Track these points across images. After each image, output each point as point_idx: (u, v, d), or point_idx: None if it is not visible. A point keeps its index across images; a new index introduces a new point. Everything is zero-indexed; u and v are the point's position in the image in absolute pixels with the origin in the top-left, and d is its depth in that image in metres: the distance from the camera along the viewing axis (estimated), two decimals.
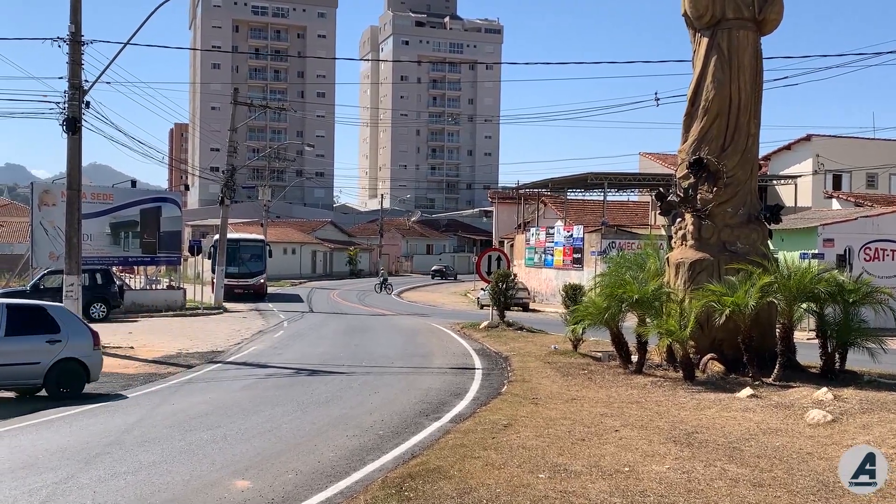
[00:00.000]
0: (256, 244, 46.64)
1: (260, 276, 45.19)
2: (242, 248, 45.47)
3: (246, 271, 44.66)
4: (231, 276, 42.66)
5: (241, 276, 44.04)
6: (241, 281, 43.94)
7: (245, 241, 46.87)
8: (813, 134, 44.64)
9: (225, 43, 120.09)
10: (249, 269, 44.94)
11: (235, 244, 44.72)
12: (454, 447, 9.75)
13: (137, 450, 9.92)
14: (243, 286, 43.88)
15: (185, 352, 20.91)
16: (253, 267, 45.09)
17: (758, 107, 17.01)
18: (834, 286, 15.00)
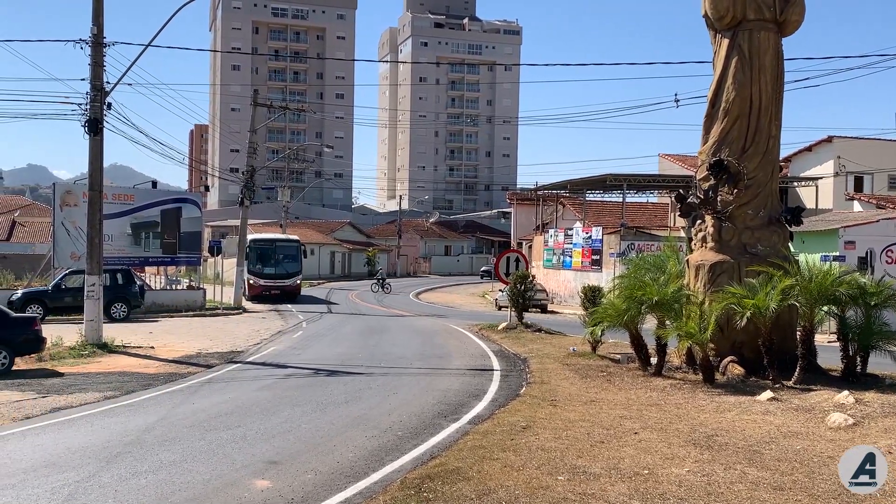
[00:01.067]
0: (292, 244, 45.93)
1: (296, 277, 44.52)
2: (279, 248, 44.95)
3: (283, 272, 44.00)
4: (267, 276, 42.82)
5: (277, 277, 43.59)
6: (278, 282, 43.44)
7: (281, 242, 46.23)
8: (834, 135, 44.27)
9: (245, 44, 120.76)
10: (286, 269, 44.25)
11: (271, 244, 44.70)
12: (473, 448, 9.76)
13: (158, 449, 9.99)
14: (280, 287, 43.36)
15: (205, 352, 21.03)
16: (290, 267, 44.41)
17: (779, 108, 16.91)
18: (856, 289, 14.87)
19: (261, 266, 43.20)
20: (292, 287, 43.89)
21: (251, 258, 42.39)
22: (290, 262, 44.42)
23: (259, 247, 43.83)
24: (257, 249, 43.53)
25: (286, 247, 45.28)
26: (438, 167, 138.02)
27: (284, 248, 45.02)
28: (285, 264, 44.21)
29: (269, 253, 43.87)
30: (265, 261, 43.43)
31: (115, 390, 14.83)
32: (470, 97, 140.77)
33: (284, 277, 43.64)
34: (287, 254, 44.72)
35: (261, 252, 43.72)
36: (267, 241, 45.61)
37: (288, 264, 44.27)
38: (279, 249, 44.63)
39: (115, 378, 16.36)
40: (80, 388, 14.95)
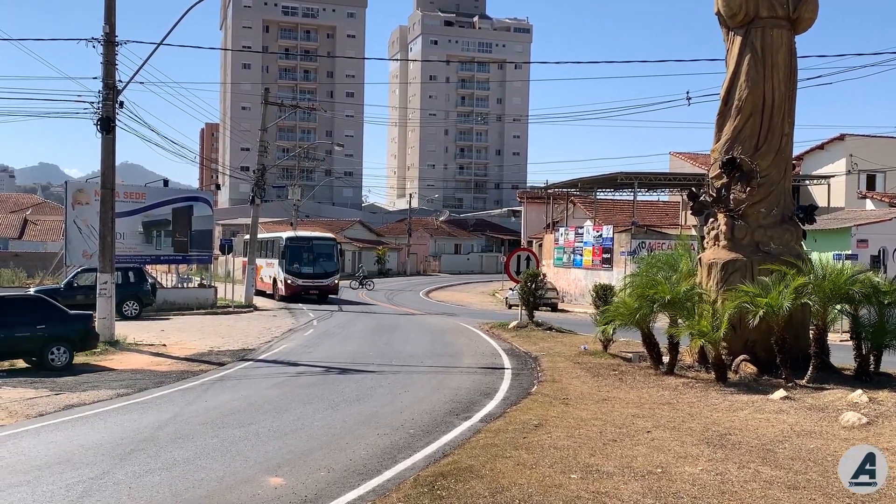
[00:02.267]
0: (329, 243, 44.27)
1: (334, 276, 42.71)
2: (315, 246, 42.92)
3: (320, 271, 42.15)
4: (305, 276, 41.39)
5: (315, 277, 41.84)
6: (316, 281, 41.78)
7: (318, 240, 44.37)
8: (846, 133, 44.06)
9: (255, 43, 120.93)
10: (324, 268, 42.37)
11: (308, 243, 42.96)
12: (485, 446, 9.76)
13: (171, 446, 10.03)
14: (318, 287, 41.82)
15: (217, 349, 21.08)
16: (327, 266, 42.55)
17: (792, 106, 16.83)
18: (869, 287, 14.81)
19: (298, 265, 41.51)
20: (330, 287, 42.36)
21: (287, 257, 41.13)
22: (327, 260, 42.75)
23: (295, 245, 42.16)
24: (294, 248, 41.81)
25: (323, 245, 43.64)
26: (448, 165, 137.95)
27: (321, 247, 43.29)
28: (323, 263, 42.43)
29: (306, 252, 42.16)
30: (302, 260, 41.76)
31: (127, 388, 14.89)
32: (480, 95, 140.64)
33: (322, 277, 42.05)
34: (324, 252, 42.96)
35: (297, 251, 42.01)
36: (303, 239, 43.83)
37: (325, 263, 42.54)
38: (316, 248, 42.83)
39: (128, 376, 16.42)
40: (93, 386, 15.00)
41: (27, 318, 17.27)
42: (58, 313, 17.80)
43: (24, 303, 18.42)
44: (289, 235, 43.23)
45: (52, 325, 17.42)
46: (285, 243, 41.32)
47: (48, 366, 17.07)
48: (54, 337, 17.34)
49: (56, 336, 17.38)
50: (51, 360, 17.20)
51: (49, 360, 17.18)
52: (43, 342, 17.21)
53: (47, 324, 17.36)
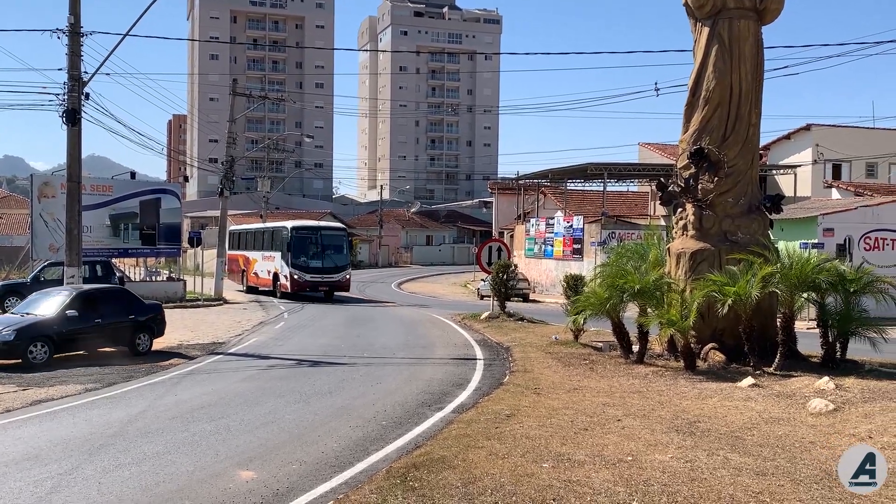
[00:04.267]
0: (339, 234, 40.47)
1: (345, 271, 38.69)
2: (324, 237, 38.85)
3: (331, 265, 38.07)
4: (314, 270, 37.39)
5: (325, 272, 37.79)
6: (326, 277, 37.82)
7: (327, 231, 40.25)
8: (813, 123, 44.59)
9: (223, 34, 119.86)
10: (335, 262, 38.33)
11: (315, 233, 38.83)
12: (458, 437, 9.78)
13: (141, 441, 9.95)
14: (329, 283, 38.05)
15: (187, 343, 20.93)
16: (338, 260, 38.52)
17: (759, 96, 16.99)
18: (835, 276, 15.02)
19: (305, 259, 37.37)
20: (341, 282, 38.42)
21: (292, 249, 37.11)
22: (338, 253, 38.67)
23: (301, 236, 37.99)
24: (300, 239, 37.78)
25: (333, 236, 39.63)
26: (419, 157, 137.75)
27: (331, 238, 39.22)
28: (333, 256, 38.37)
29: (313, 243, 38.09)
30: (310, 252, 37.66)
31: (96, 382, 14.74)
32: (450, 86, 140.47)
33: (333, 271, 37.97)
34: (334, 244, 38.88)
35: (304, 242, 37.88)
36: (310, 229, 39.56)
37: (336, 256, 38.49)
38: (325, 239, 38.71)
39: (97, 370, 16.27)
40: (60, 381, 14.84)
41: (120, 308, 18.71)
42: (139, 303, 19.38)
43: (114, 294, 19.88)
44: (294, 225, 39.21)
45: (139, 314, 18.99)
46: (290, 234, 37.48)
47: (136, 351, 18.56)
48: (140, 325, 18.90)
49: (141, 325, 18.95)
50: (138, 345, 18.68)
51: (136, 346, 18.67)
52: (132, 330, 18.71)
53: (136, 313, 18.95)
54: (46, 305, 17.85)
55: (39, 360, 16.59)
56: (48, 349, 16.90)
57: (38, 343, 16.77)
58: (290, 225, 38.87)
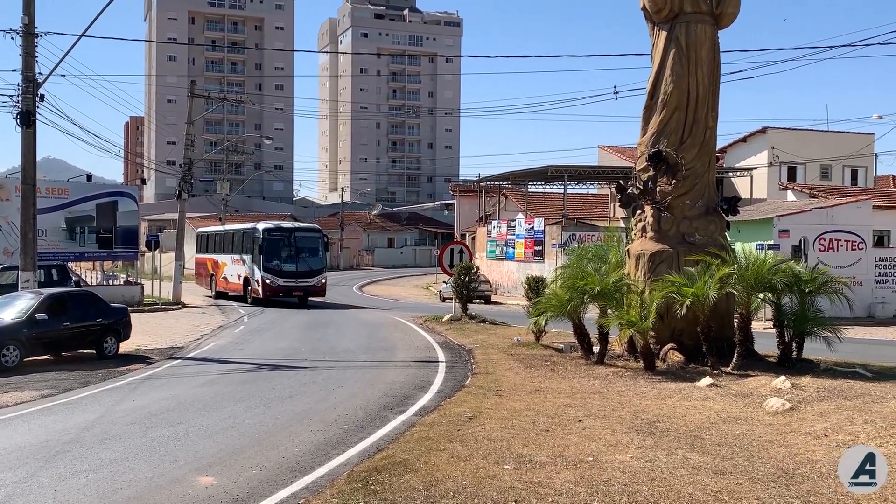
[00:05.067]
0: (315, 235, 38.09)
1: (321, 275, 36.85)
2: (299, 239, 37.02)
3: (305, 269, 36.32)
4: (288, 274, 35.67)
5: (299, 276, 35.96)
6: (301, 281, 35.96)
7: (301, 232, 38.26)
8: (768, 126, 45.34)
9: (181, 35, 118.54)
10: (310, 265, 36.55)
11: (289, 235, 36.99)
12: (420, 440, 9.77)
13: (98, 447, 9.80)
14: (304, 287, 36.11)
15: (145, 348, 20.65)
16: (313, 263, 36.74)
17: (715, 100, 17.22)
18: (790, 277, 15.28)
19: (278, 262, 35.69)
20: (316, 287, 36.49)
21: (265, 252, 35.44)
22: (313, 255, 36.97)
23: (274, 238, 36.25)
24: (272, 241, 36.05)
25: (308, 238, 37.60)
26: (380, 159, 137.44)
27: (306, 240, 37.35)
28: (308, 259, 36.64)
29: (287, 245, 36.35)
30: (283, 255, 35.95)
31: (52, 388, 14.48)
32: (411, 89, 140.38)
33: (307, 275, 36.20)
34: (309, 246, 37.07)
35: (277, 244, 36.15)
36: (284, 231, 37.62)
37: (311, 259, 36.77)
38: (300, 241, 36.95)
39: (53, 376, 15.98)
40: (15, 387, 14.55)
41: (87, 311, 18.65)
42: (106, 306, 19.33)
43: (82, 297, 19.71)
44: (266, 226, 37.28)
45: (105, 317, 18.94)
46: (262, 235, 35.80)
47: (103, 354, 18.57)
48: (107, 328, 18.92)
49: (108, 328, 18.96)
50: (105, 348, 18.74)
51: (104, 349, 18.71)
52: (100, 333, 18.75)
53: (103, 317, 18.90)
54: (14, 309, 17.61)
55: (11, 364, 16.54)
56: (19, 353, 16.86)
57: (9, 346, 16.72)
58: (261, 226, 37.07)
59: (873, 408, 10.95)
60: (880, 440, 9.31)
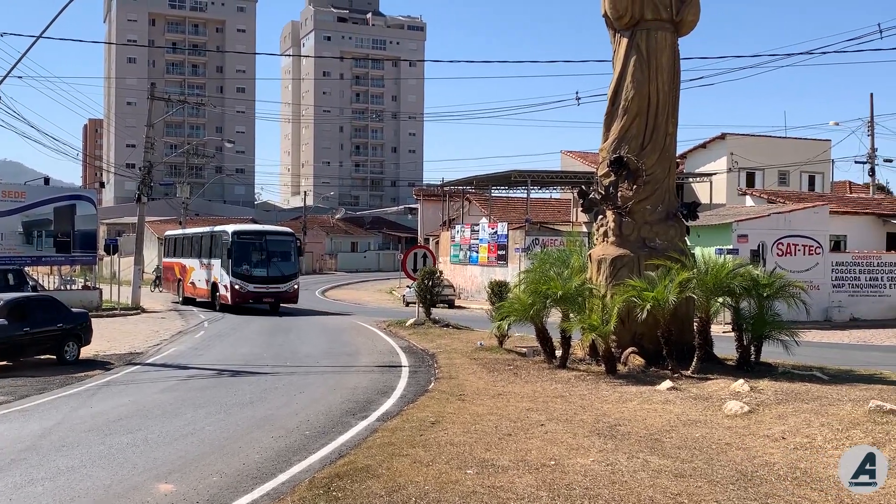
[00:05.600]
0: (287, 239, 36.54)
1: (293, 280, 35.02)
2: (270, 243, 35.32)
3: (277, 274, 34.60)
4: (258, 280, 33.92)
5: (270, 281, 34.26)
6: (272, 287, 34.25)
7: (273, 235, 36.70)
8: (727, 133, 45.98)
9: (141, 37, 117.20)
10: (282, 270, 34.84)
11: (260, 238, 35.42)
12: (382, 446, 9.74)
13: (55, 455, 9.64)
14: (275, 293, 34.45)
15: (103, 353, 20.35)
16: (285, 268, 35.06)
17: (675, 106, 17.42)
18: (749, 281, 15.48)
19: (248, 267, 33.90)
20: (288, 293, 34.81)
21: (234, 256, 33.63)
22: (285, 260, 35.25)
23: (244, 241, 34.60)
24: (242, 244, 34.33)
25: (280, 241, 36.09)
26: (344, 163, 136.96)
27: (277, 243, 35.76)
28: (279, 264, 34.89)
29: (258, 249, 34.66)
30: (253, 260, 34.17)
31: (7, 395, 14.21)
32: (375, 92, 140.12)
33: (279, 281, 34.48)
34: (281, 250, 35.50)
35: (247, 248, 34.43)
36: (254, 234, 36.13)
37: (282, 264, 35.04)
38: (271, 244, 35.28)
39: (8, 382, 15.67)
40: None
41: (48, 316, 18.32)
42: (67, 311, 19.00)
43: (42, 302, 19.22)
44: (235, 229, 35.58)
45: (66, 322, 18.59)
46: (231, 239, 34.08)
47: (64, 360, 18.22)
48: (68, 333, 18.56)
49: (69, 333, 18.59)
50: (66, 354, 18.36)
51: (65, 354, 18.35)
52: (61, 338, 18.41)
53: (64, 322, 18.55)
54: None
55: None
56: None
57: None
58: (231, 229, 35.36)
59: (830, 410, 11.12)
60: (837, 442, 9.46)
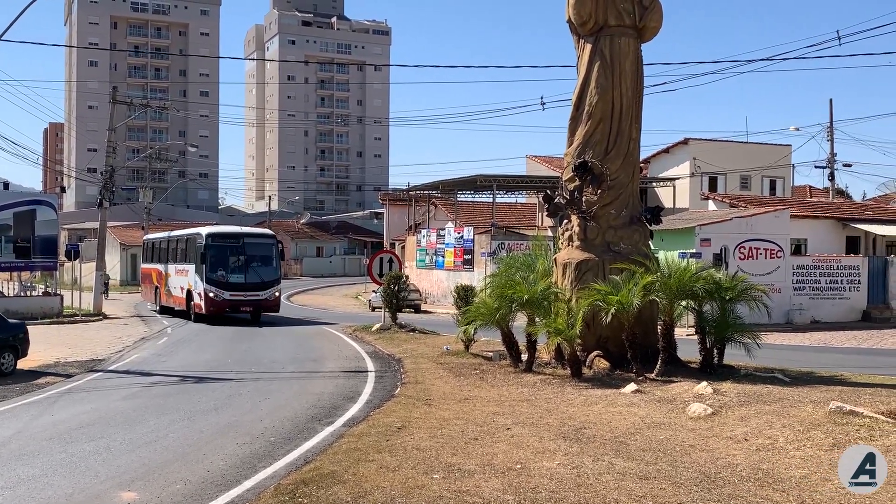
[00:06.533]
0: (267, 241, 33.33)
1: (275, 287, 32.24)
2: (248, 246, 32.32)
3: (256, 280, 31.69)
4: (235, 287, 31.10)
5: (248, 288, 31.42)
6: (250, 294, 31.42)
7: (251, 238, 33.52)
8: (690, 138, 46.47)
9: (102, 40, 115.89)
10: (261, 276, 31.87)
11: (237, 241, 32.33)
12: (348, 451, 9.71)
13: (15, 463, 9.48)
14: (253, 302, 31.63)
15: (64, 360, 20.07)
16: (265, 273, 32.04)
17: (639, 111, 17.57)
18: (711, 284, 15.65)
19: (223, 272, 30.97)
20: (269, 301, 32.02)
21: (207, 260, 30.78)
22: (265, 265, 32.29)
23: (219, 245, 31.65)
24: (217, 248, 31.43)
25: (259, 244, 32.97)
26: (309, 167, 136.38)
27: (256, 246, 32.66)
28: (259, 269, 31.86)
29: (234, 253, 31.72)
30: (230, 265, 31.30)
31: None
32: (340, 97, 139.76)
33: (258, 288, 31.59)
34: (260, 254, 32.46)
35: (222, 252, 31.51)
36: (231, 236, 33.06)
37: (262, 269, 32.00)
38: (249, 248, 32.23)
39: None
40: None
41: None
42: (3, 322, 18.32)
43: None
44: (211, 231, 33.05)
45: (3, 332, 17.94)
46: (205, 241, 31.18)
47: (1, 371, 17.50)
48: (3, 344, 17.83)
49: (4, 344, 17.86)
50: (1, 365, 17.62)
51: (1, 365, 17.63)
52: None
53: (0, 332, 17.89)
54: None
55: None
56: None
57: None
58: (205, 231, 32.70)
59: (791, 412, 11.27)
60: (798, 443, 9.59)
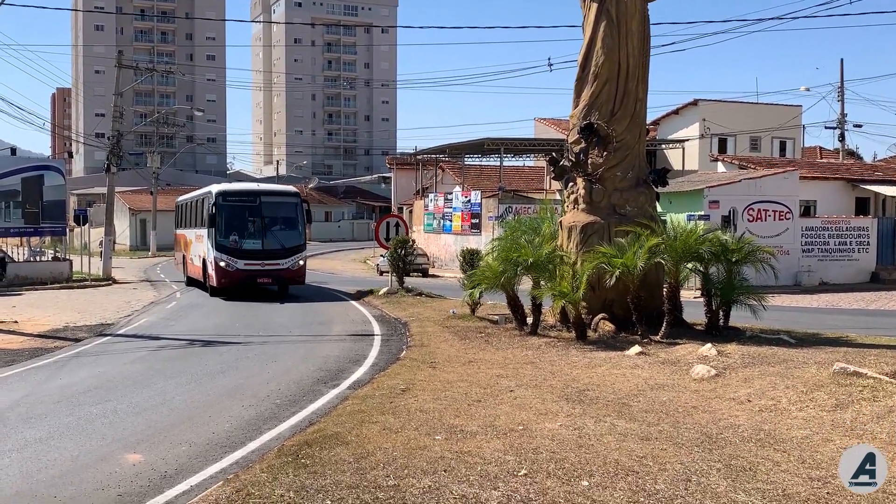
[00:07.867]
0: (289, 200, 28.06)
1: (298, 255, 27.06)
2: (266, 206, 27.32)
3: (276, 246, 26.74)
4: (249, 255, 26.21)
5: (267, 256, 26.47)
6: (269, 263, 26.38)
7: (270, 196, 28.35)
8: (700, 99, 46.14)
9: (108, 3, 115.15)
10: (282, 242, 26.90)
11: (254, 200, 27.30)
12: (352, 413, 9.77)
13: (22, 426, 9.59)
14: (272, 272, 26.51)
15: (73, 325, 20.22)
16: (286, 239, 27.07)
17: (646, 72, 17.39)
18: (717, 246, 15.60)
19: (237, 237, 26.36)
20: (292, 271, 26.81)
21: (218, 224, 26.20)
22: (288, 228, 27.40)
23: (230, 204, 26.78)
24: (228, 209, 26.59)
25: (279, 204, 27.98)
26: (316, 131, 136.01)
27: (276, 206, 27.78)
28: (279, 233, 27.16)
29: (251, 215, 26.91)
30: (245, 228, 26.72)
31: None
32: (347, 60, 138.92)
33: (278, 255, 26.58)
34: (281, 215, 27.58)
35: (235, 213, 26.69)
36: (245, 193, 28.29)
37: (283, 233, 27.22)
38: (267, 208, 27.29)
39: None
40: None
41: None
42: None
43: None
44: (221, 189, 27.83)
45: None
46: (215, 201, 26.48)
47: None
48: None
49: None
50: None
51: None
52: None
53: None
54: None
55: None
56: None
57: None
58: (215, 189, 27.68)
59: (795, 373, 11.28)
60: (801, 404, 9.61)
